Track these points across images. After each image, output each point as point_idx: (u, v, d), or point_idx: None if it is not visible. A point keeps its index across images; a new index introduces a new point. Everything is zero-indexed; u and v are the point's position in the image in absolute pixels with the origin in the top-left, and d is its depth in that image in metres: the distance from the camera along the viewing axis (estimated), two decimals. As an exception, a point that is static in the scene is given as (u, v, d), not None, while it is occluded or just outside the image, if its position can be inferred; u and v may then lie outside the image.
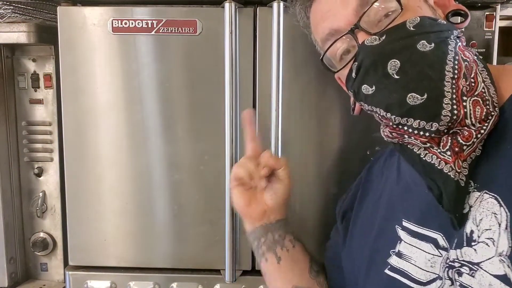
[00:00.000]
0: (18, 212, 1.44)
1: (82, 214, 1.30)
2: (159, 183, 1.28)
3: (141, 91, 1.24)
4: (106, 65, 1.24)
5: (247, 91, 1.22)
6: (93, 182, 1.28)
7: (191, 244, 1.30)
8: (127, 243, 1.31)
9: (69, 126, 1.27)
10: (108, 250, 1.31)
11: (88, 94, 1.25)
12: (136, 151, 1.27)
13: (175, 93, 1.25)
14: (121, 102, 1.25)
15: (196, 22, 1.20)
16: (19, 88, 1.40)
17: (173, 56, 1.23)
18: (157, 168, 1.27)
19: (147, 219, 1.29)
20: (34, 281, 1.47)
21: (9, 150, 1.40)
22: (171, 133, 1.26)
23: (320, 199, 1.27)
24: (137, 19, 1.21)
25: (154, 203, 1.29)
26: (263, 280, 1.28)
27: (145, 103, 1.25)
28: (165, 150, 1.26)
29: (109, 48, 1.23)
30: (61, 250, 1.45)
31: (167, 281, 1.30)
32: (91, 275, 1.31)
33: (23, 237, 1.45)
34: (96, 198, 1.29)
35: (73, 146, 1.27)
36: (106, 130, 1.26)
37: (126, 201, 1.29)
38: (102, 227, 1.30)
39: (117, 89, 1.25)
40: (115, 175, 1.28)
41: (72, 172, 1.28)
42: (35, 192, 1.44)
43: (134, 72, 1.24)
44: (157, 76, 1.24)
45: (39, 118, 1.41)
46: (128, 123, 1.26)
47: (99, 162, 1.27)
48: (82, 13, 1.22)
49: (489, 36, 1.26)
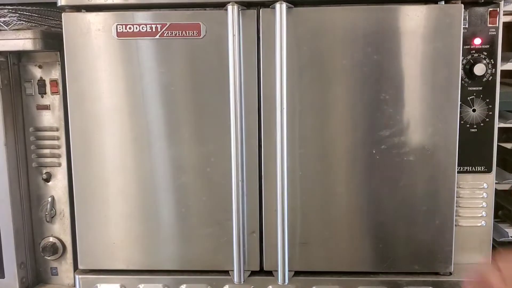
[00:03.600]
0: (28, 217, 1.45)
1: (91, 218, 1.31)
2: (166, 186, 1.29)
3: (146, 95, 1.25)
4: (111, 70, 1.25)
5: (252, 93, 1.23)
6: (101, 186, 1.29)
7: (199, 246, 1.30)
8: (135, 246, 1.31)
9: (76, 131, 1.28)
10: (117, 253, 1.32)
11: (94, 98, 1.26)
12: (142, 154, 1.27)
13: (180, 97, 1.25)
14: (127, 106, 1.26)
15: (199, 25, 1.21)
16: (26, 94, 1.42)
17: (177, 59, 1.23)
18: (164, 171, 1.28)
19: (155, 222, 1.30)
20: (44, 285, 1.48)
21: (18, 156, 1.41)
22: (177, 136, 1.26)
23: (325, 197, 1.27)
24: (141, 23, 1.21)
25: (161, 206, 1.30)
26: (271, 281, 1.29)
27: (151, 107, 1.26)
28: (171, 153, 1.27)
29: (114, 53, 1.24)
30: (70, 254, 1.46)
31: (176, 283, 1.31)
32: (100, 279, 1.32)
33: (33, 242, 1.47)
34: (104, 202, 1.30)
35: (81, 151, 1.28)
36: (113, 134, 1.27)
37: (134, 205, 1.30)
38: (111, 231, 1.31)
39: (123, 93, 1.25)
40: (122, 178, 1.29)
41: (80, 177, 1.29)
42: (43, 197, 1.45)
43: (139, 76, 1.24)
44: (162, 80, 1.24)
45: (46, 123, 1.42)
46: (134, 126, 1.26)
47: (107, 166, 1.28)
48: (86, 19, 1.23)
49: (493, 32, 1.26)
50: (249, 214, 1.27)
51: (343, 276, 1.29)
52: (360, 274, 1.30)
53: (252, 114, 1.24)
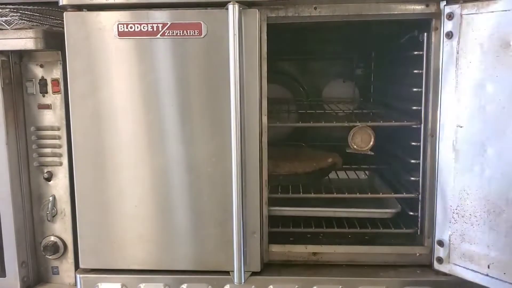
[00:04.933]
0: (29, 217, 1.45)
1: (92, 217, 1.31)
2: (167, 186, 1.29)
3: (147, 94, 1.25)
4: (112, 69, 1.24)
5: (253, 92, 1.23)
6: (102, 185, 1.29)
7: (200, 246, 1.30)
8: (136, 245, 1.31)
9: (77, 130, 1.28)
10: (118, 253, 1.32)
11: (95, 98, 1.26)
12: (143, 154, 1.27)
13: (181, 96, 1.25)
14: (127, 106, 1.26)
15: (201, 24, 1.20)
16: (27, 93, 1.42)
17: (178, 58, 1.23)
18: (165, 171, 1.28)
19: (156, 222, 1.30)
20: (45, 284, 1.49)
21: (19, 155, 1.41)
22: (177, 135, 1.26)
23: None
24: (142, 23, 1.21)
25: (162, 206, 1.29)
26: (272, 281, 1.29)
27: (151, 106, 1.25)
28: (172, 153, 1.27)
29: (115, 52, 1.24)
30: (71, 253, 1.46)
31: (177, 282, 1.31)
32: (101, 278, 1.32)
33: (34, 241, 1.47)
34: (105, 202, 1.30)
35: (82, 150, 1.28)
36: (114, 134, 1.27)
37: (135, 204, 1.30)
38: (112, 230, 1.31)
39: (124, 93, 1.25)
40: (123, 178, 1.29)
41: (81, 176, 1.29)
42: (45, 196, 1.45)
43: (140, 75, 1.24)
44: (163, 79, 1.24)
45: (47, 123, 1.42)
46: (135, 126, 1.26)
47: (108, 166, 1.28)
48: (88, 19, 1.23)
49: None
50: (249, 214, 1.27)
51: (344, 276, 1.29)
52: (360, 274, 1.30)
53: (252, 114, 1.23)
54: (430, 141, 1.29)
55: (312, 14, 1.25)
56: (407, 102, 1.44)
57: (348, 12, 1.25)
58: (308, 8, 1.25)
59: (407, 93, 1.44)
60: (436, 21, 1.23)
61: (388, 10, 1.24)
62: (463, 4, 1.17)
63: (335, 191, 1.52)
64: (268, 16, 1.24)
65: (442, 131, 1.23)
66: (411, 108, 1.39)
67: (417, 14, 1.24)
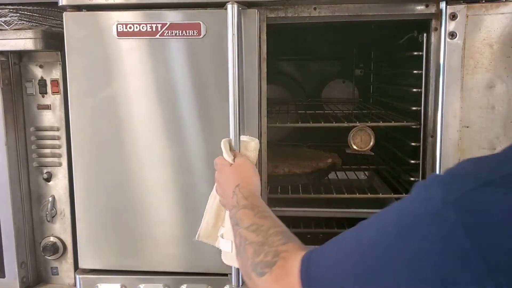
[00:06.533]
0: (28, 217, 1.45)
1: (91, 218, 1.31)
2: (166, 186, 1.28)
3: (146, 94, 1.25)
4: (112, 70, 1.24)
5: (252, 93, 1.23)
6: (101, 185, 1.29)
7: (198, 248, 1.29)
8: (136, 246, 1.31)
9: (76, 131, 1.28)
10: (117, 253, 1.32)
11: (95, 98, 1.26)
12: (142, 155, 1.27)
13: (180, 96, 1.25)
14: (126, 106, 1.26)
15: (200, 24, 1.20)
16: (27, 94, 1.42)
17: (177, 59, 1.23)
18: (164, 171, 1.28)
19: (155, 223, 1.30)
20: (45, 285, 1.48)
21: (18, 155, 1.41)
22: (177, 136, 1.26)
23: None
24: (141, 23, 1.21)
25: (161, 207, 1.29)
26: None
27: (150, 107, 1.25)
28: (172, 153, 1.27)
29: (114, 53, 1.24)
30: (71, 253, 1.46)
31: (177, 283, 1.31)
32: (101, 278, 1.32)
33: (33, 241, 1.47)
34: (105, 202, 1.30)
35: (81, 151, 1.28)
36: (113, 134, 1.27)
37: (134, 205, 1.29)
38: (111, 231, 1.31)
39: (123, 93, 1.25)
40: (122, 178, 1.28)
41: (81, 176, 1.29)
42: (44, 196, 1.45)
43: (139, 75, 1.24)
44: (162, 79, 1.24)
45: (47, 123, 1.42)
46: (134, 126, 1.26)
47: (107, 166, 1.28)
48: (87, 19, 1.23)
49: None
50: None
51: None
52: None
53: (252, 114, 1.23)
54: (430, 141, 1.28)
55: (311, 15, 1.25)
56: (407, 102, 1.44)
57: (348, 13, 1.25)
58: (307, 9, 1.25)
59: (406, 93, 1.44)
60: (435, 21, 1.23)
61: (388, 10, 1.24)
62: (469, 5, 1.18)
63: (335, 191, 1.52)
64: (268, 17, 1.24)
65: (446, 131, 1.23)
66: (410, 108, 1.39)
67: (416, 14, 1.24)
